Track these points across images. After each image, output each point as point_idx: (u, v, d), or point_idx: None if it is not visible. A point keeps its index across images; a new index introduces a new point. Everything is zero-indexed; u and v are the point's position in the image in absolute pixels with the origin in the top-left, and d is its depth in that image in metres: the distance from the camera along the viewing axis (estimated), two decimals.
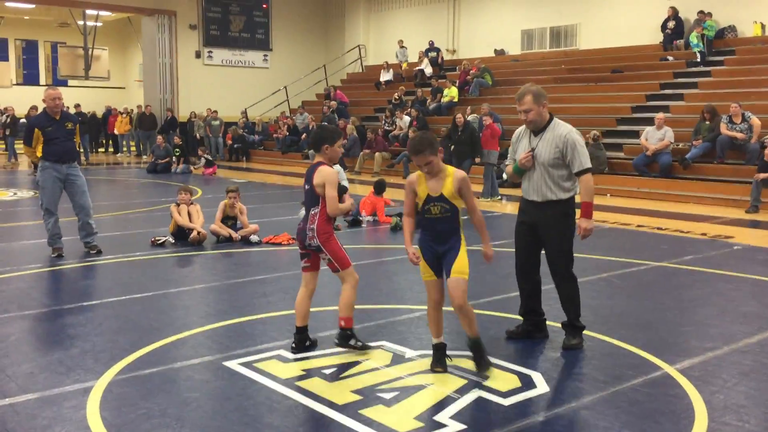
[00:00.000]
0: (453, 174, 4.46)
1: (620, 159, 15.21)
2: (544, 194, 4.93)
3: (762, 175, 11.78)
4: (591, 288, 6.76)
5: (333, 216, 4.84)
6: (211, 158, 19.99)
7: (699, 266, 7.68)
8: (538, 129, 4.99)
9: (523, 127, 5.15)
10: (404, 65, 24.43)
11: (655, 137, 14.20)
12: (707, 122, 13.80)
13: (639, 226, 10.49)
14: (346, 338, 4.83)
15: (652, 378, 4.42)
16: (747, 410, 3.98)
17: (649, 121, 14.85)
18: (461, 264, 4.37)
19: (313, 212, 4.90)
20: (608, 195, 13.99)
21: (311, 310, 5.05)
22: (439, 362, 4.48)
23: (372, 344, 4.99)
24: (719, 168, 13.41)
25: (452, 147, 13.40)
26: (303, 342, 4.89)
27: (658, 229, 10.19)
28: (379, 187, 11.03)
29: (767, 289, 6.73)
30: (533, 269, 5.15)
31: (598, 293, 6.60)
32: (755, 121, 13.17)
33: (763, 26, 17.50)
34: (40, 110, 8.44)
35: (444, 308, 4.63)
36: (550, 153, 4.88)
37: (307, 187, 4.92)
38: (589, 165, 4.89)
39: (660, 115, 14.45)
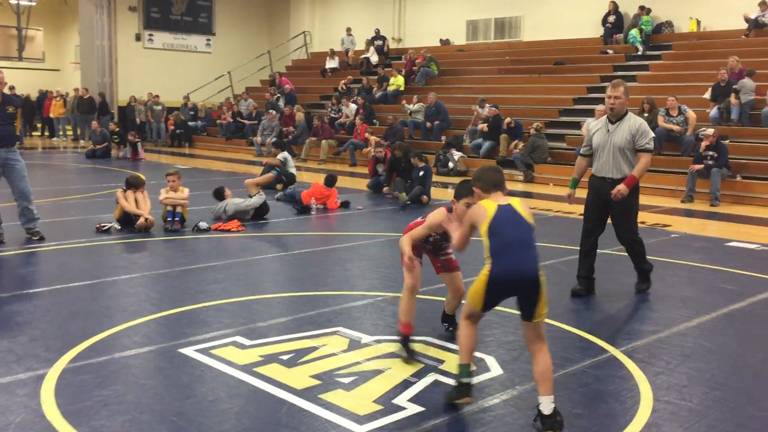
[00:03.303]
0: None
1: (563, 149, 15.56)
2: (619, 172, 5.96)
3: (697, 167, 12.25)
4: None
5: None
6: (139, 143, 19.08)
7: None
8: (616, 118, 5.98)
9: (594, 119, 5.91)
10: (351, 52, 24.36)
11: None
12: (645, 114, 14.21)
13: (581, 214, 10.75)
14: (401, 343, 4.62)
15: (599, 360, 4.60)
16: (689, 389, 4.19)
17: (590, 113, 15.21)
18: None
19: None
20: (551, 184, 14.31)
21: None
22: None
23: (328, 330, 5.03)
24: (657, 159, 13.79)
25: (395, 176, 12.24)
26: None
27: None
28: (331, 180, 11.03)
29: (703, 275, 7.03)
30: (597, 237, 6.30)
31: (546, 280, 6.76)
32: (691, 114, 13.66)
33: (698, 22, 18.12)
34: None
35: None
36: (625, 138, 5.91)
37: None
38: (651, 147, 5.94)
39: (600, 107, 14.80)
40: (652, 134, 6.06)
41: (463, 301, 4.37)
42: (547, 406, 3.53)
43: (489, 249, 3.68)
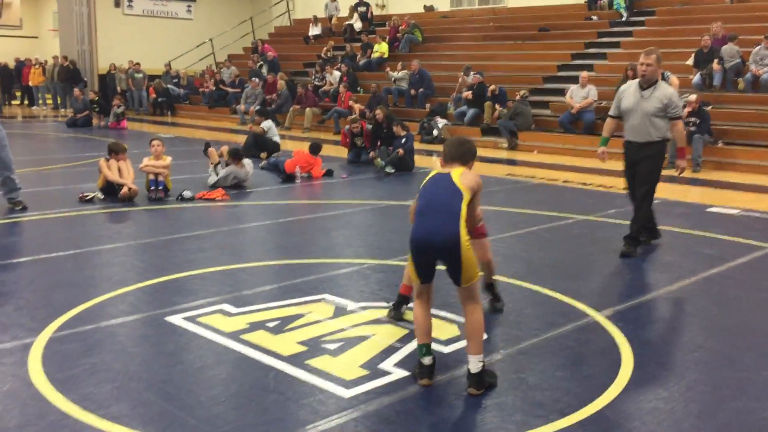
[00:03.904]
0: None
1: (546, 117, 15.57)
2: (647, 136, 6.26)
3: None
4: (522, 241, 7.02)
5: None
6: (122, 112, 19.00)
7: (622, 219, 8.02)
8: (648, 84, 6.23)
9: (629, 83, 6.53)
10: (335, 18, 24.09)
11: (579, 95, 14.59)
12: (629, 80, 14.26)
13: (565, 181, 10.85)
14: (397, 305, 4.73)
15: (581, 324, 4.68)
16: (668, 352, 4.28)
17: (574, 80, 15.22)
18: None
19: None
20: (535, 151, 14.35)
21: None
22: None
23: (314, 297, 5.07)
24: None
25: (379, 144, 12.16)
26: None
27: (584, 184, 10.56)
28: (315, 148, 10.98)
29: (683, 241, 7.13)
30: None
31: (529, 246, 6.85)
32: (674, 80, 13.66)
33: None
34: None
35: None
36: (655, 106, 6.18)
37: None
38: (681, 113, 6.28)
39: (584, 74, 14.83)
40: (681, 101, 6.49)
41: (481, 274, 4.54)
42: (474, 364, 3.62)
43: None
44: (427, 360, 3.74)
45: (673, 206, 8.87)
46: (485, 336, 3.90)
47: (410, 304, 4.64)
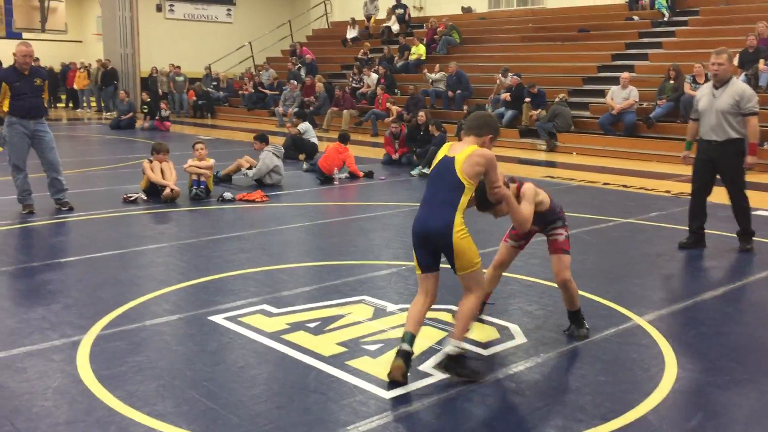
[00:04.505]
0: None
1: (586, 118, 15.40)
2: (725, 134, 6.36)
3: None
4: None
5: None
6: (167, 115, 19.48)
7: (664, 222, 7.92)
8: (720, 83, 6.40)
9: (705, 85, 6.77)
10: (373, 20, 24.15)
11: (620, 96, 14.40)
12: (671, 82, 14.04)
13: (605, 184, 10.72)
14: None
15: (623, 329, 4.62)
16: (713, 359, 4.20)
17: (615, 81, 15.03)
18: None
19: None
20: (574, 153, 14.21)
21: None
22: None
23: (353, 299, 5.10)
24: (683, 127, 13.55)
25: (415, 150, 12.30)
26: None
27: (624, 186, 10.43)
28: (344, 138, 11.06)
29: (727, 244, 6.98)
30: (706, 194, 6.73)
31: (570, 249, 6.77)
32: None
33: None
34: (5, 65, 8.21)
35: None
36: (728, 103, 6.32)
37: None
38: (756, 109, 6.34)
39: (625, 75, 14.63)
40: (757, 97, 6.47)
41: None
42: (449, 347, 3.77)
43: None
44: (403, 346, 3.72)
45: (718, 209, 8.69)
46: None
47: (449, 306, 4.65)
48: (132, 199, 8.67)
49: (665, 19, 17.58)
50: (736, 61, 14.16)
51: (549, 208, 4.43)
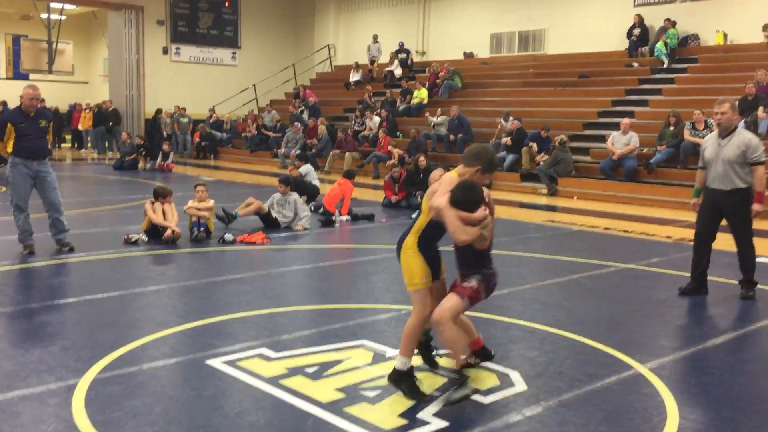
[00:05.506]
0: None
1: (587, 163, 15.49)
2: (731, 183, 6.41)
3: None
4: (562, 289, 6.93)
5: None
6: (171, 153, 19.59)
7: (665, 268, 7.91)
8: (726, 132, 6.46)
9: (711, 134, 6.81)
10: (376, 63, 24.46)
11: (620, 142, 14.50)
12: (671, 128, 14.15)
13: (606, 228, 10.73)
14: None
15: (624, 377, 4.58)
16: (715, 408, 4.15)
17: (615, 126, 15.16)
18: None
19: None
20: (575, 198, 14.25)
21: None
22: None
23: (352, 343, 5.06)
24: (682, 173, 13.75)
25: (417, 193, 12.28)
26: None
27: (625, 231, 10.43)
28: (349, 173, 11.16)
29: (729, 291, 6.95)
30: (710, 240, 6.74)
31: (570, 294, 6.76)
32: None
33: (725, 35, 17.98)
34: (11, 105, 8.30)
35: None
36: (735, 152, 6.36)
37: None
38: (763, 159, 6.38)
39: (626, 121, 14.76)
40: (763, 147, 6.52)
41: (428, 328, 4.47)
42: (396, 362, 4.14)
43: None
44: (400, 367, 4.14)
45: (720, 256, 8.66)
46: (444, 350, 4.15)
47: (441, 351, 4.61)
48: (133, 240, 8.67)
49: (664, 66, 17.81)
50: None
51: (485, 249, 4.15)
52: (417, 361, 4.68)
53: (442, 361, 4.61)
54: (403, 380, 4.09)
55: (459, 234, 3.90)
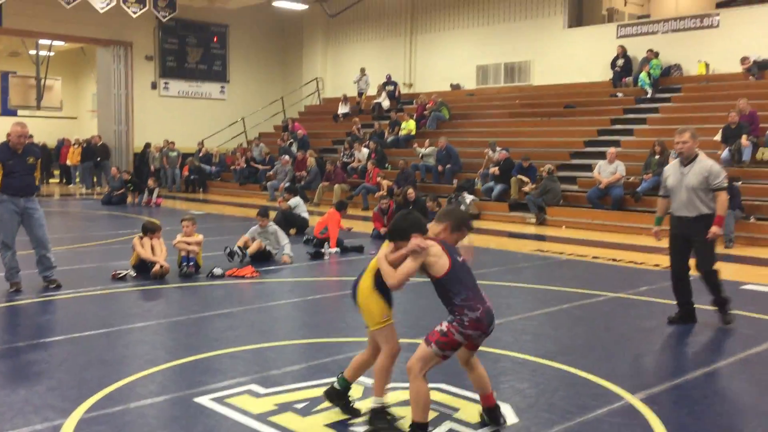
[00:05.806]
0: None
1: (574, 192, 15.60)
2: (696, 210, 6.49)
3: None
4: (552, 319, 6.93)
5: None
6: (156, 190, 19.54)
7: (654, 297, 7.94)
8: (687, 160, 6.56)
9: (672, 163, 6.91)
10: (364, 96, 24.65)
11: (607, 171, 14.64)
12: (657, 156, 14.29)
13: (595, 257, 10.77)
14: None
15: (615, 408, 4.57)
16: None
17: (602, 155, 15.30)
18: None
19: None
20: (563, 227, 14.32)
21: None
22: None
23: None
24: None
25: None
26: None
27: (613, 260, 10.47)
28: (340, 204, 11.20)
29: (717, 319, 6.97)
30: (685, 270, 6.78)
31: (559, 324, 6.77)
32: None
33: (707, 65, 18.28)
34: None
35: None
36: (698, 179, 6.46)
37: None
38: (725, 185, 6.48)
39: (612, 150, 14.92)
40: (724, 173, 6.61)
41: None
42: (371, 404, 4.15)
43: None
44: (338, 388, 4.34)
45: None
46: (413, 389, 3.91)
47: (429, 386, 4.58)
48: (121, 275, 8.62)
49: (648, 95, 18.06)
50: (719, 137, 14.48)
51: (445, 275, 3.93)
52: (397, 396, 4.66)
53: (363, 406, 4.43)
54: (379, 419, 4.10)
55: (387, 279, 4.02)
